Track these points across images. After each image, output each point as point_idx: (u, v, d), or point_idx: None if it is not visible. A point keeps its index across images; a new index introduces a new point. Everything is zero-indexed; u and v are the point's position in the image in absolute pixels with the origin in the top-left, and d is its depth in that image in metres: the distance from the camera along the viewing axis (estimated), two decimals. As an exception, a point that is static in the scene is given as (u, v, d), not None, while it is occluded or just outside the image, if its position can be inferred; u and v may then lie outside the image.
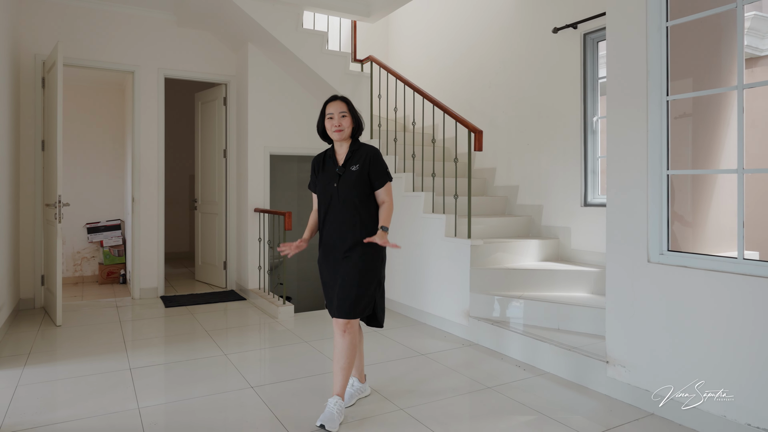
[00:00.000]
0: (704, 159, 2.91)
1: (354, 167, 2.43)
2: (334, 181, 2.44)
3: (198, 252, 5.93)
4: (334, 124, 2.44)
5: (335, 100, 2.48)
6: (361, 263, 2.39)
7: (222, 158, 5.48)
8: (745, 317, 2.16)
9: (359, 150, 2.48)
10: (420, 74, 5.98)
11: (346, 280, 2.38)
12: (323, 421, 2.26)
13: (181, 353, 3.34)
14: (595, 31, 4.06)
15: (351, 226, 2.41)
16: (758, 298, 2.12)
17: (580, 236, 4.15)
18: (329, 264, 2.47)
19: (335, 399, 2.34)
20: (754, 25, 5.09)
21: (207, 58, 5.31)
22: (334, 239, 2.44)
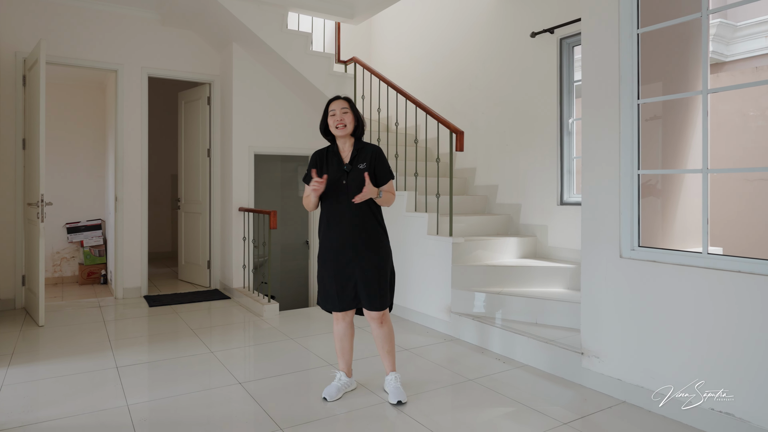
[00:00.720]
0: (673, 159, 3.04)
1: (362, 165, 2.51)
2: (343, 178, 2.51)
3: (181, 251, 5.90)
4: (336, 120, 2.52)
5: (337, 99, 2.58)
6: (378, 255, 2.52)
7: (206, 158, 5.46)
8: (709, 308, 2.29)
9: (364, 149, 2.57)
10: (403, 76, 6.05)
11: (369, 277, 2.49)
12: (398, 397, 2.52)
13: (167, 351, 3.34)
14: (570, 36, 4.19)
15: (362, 220, 2.50)
16: (721, 289, 2.25)
17: (557, 234, 4.28)
18: (337, 261, 2.51)
19: (392, 375, 2.62)
20: (720, 31, 5.30)
21: (191, 57, 5.30)
22: (345, 234, 2.49)
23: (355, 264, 2.49)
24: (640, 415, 2.45)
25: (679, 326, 2.39)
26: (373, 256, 2.50)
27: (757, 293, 2.14)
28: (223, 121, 5.34)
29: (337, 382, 2.63)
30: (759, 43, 6.53)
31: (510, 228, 4.67)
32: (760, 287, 2.13)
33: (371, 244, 2.51)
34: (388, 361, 2.64)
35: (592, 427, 2.34)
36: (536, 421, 2.38)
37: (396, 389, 2.57)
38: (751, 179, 4.91)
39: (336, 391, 2.59)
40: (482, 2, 5.05)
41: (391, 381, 2.61)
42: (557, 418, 2.41)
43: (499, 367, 3.09)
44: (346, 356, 2.67)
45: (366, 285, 2.49)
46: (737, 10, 5.66)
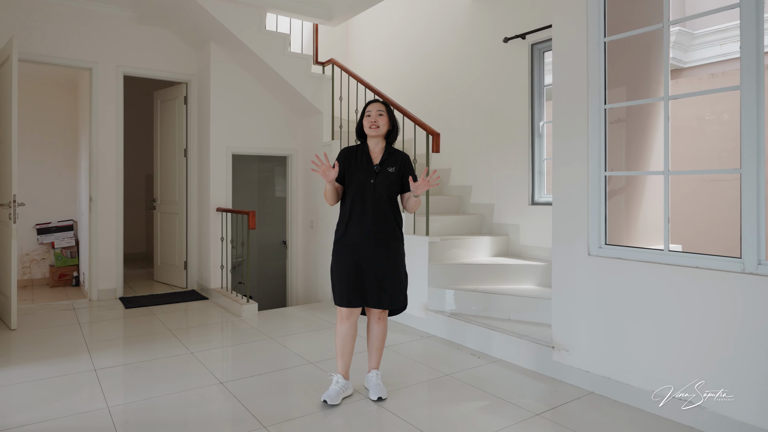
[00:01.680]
0: (636, 161, 3.18)
1: (391, 169, 2.57)
2: (371, 178, 2.55)
3: (157, 252, 5.81)
4: (371, 121, 2.57)
5: (375, 102, 2.64)
6: (397, 256, 2.58)
7: (182, 158, 5.40)
8: (671, 302, 2.41)
9: (394, 154, 2.62)
10: (379, 78, 6.10)
11: (387, 276, 2.53)
12: (379, 394, 2.56)
13: (146, 353, 3.31)
14: (541, 42, 4.30)
15: (384, 219, 2.54)
16: (681, 284, 2.37)
17: (528, 233, 4.39)
18: (356, 256, 2.52)
19: (374, 372, 2.65)
20: (679, 39, 5.53)
21: (167, 56, 5.22)
22: (364, 231, 2.52)
23: (372, 262, 2.52)
24: (606, 404, 2.56)
25: (643, 320, 2.51)
26: (389, 256, 2.54)
27: (713, 287, 2.27)
28: (200, 121, 5.28)
29: (336, 385, 2.58)
30: (714, 50, 6.81)
31: (483, 227, 4.77)
32: (716, 282, 2.26)
33: (389, 244, 2.55)
34: (375, 358, 2.67)
35: (563, 417, 2.43)
36: (510, 413, 2.47)
37: (377, 386, 2.61)
38: (706, 180, 5.13)
39: (336, 394, 2.53)
40: (457, 8, 5.13)
41: (373, 378, 2.65)
42: (530, 410, 2.50)
43: (474, 362, 3.17)
44: (347, 358, 2.62)
45: (378, 282, 2.52)
46: (694, 19, 5.90)
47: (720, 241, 4.79)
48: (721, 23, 6.81)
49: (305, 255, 5.51)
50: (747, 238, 2.20)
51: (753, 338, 2.14)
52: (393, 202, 2.59)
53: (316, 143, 5.23)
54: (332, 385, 2.58)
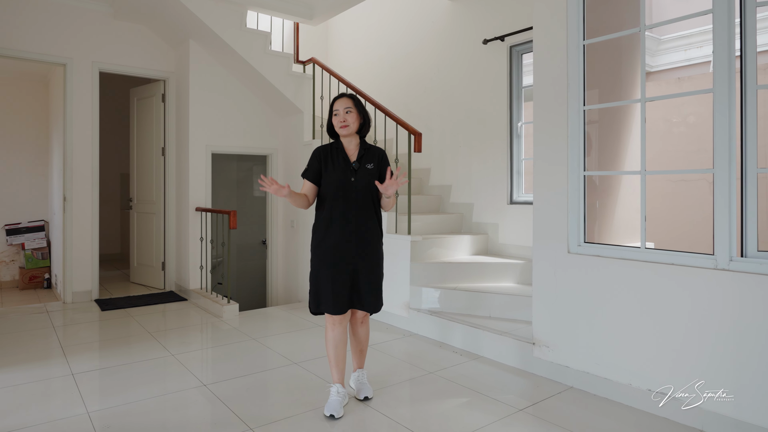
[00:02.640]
0: (611, 161, 3.24)
1: (369, 165, 2.49)
2: (351, 176, 2.45)
3: (133, 253, 5.66)
4: (339, 120, 2.47)
5: (341, 97, 2.51)
6: (378, 258, 2.53)
7: (160, 156, 5.27)
8: (647, 297, 2.47)
9: (371, 149, 2.54)
10: (359, 77, 6.08)
11: (369, 277, 2.47)
12: (366, 393, 2.56)
13: (126, 356, 3.22)
14: (520, 44, 4.36)
15: (368, 218, 2.47)
16: (657, 280, 2.44)
17: (507, 231, 4.44)
18: (342, 257, 2.41)
19: (359, 372, 2.63)
20: (647, 44, 5.68)
21: (145, 53, 5.08)
22: (346, 233, 2.42)
23: (357, 263, 2.43)
24: (585, 399, 2.61)
25: (620, 315, 2.57)
26: (373, 256, 2.49)
27: (688, 283, 2.33)
28: (178, 119, 5.16)
29: (338, 396, 2.42)
30: (679, 55, 7.01)
31: (463, 226, 4.80)
32: (690, 278, 2.32)
33: (373, 243, 2.49)
34: (359, 358, 2.65)
35: (544, 412, 2.46)
36: (494, 409, 2.49)
37: (365, 385, 2.60)
38: (673, 180, 5.27)
39: (340, 406, 2.39)
40: (437, 10, 5.15)
41: (360, 378, 2.62)
42: (512, 405, 2.53)
43: (456, 359, 3.19)
44: (341, 365, 2.48)
45: (364, 285, 2.46)
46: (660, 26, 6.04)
47: (687, 238, 4.93)
48: (685, 29, 7.02)
49: (286, 255, 5.46)
50: (719, 236, 2.27)
51: (726, 332, 2.21)
52: (375, 200, 2.52)
53: (297, 142, 5.18)
54: (333, 396, 2.42)
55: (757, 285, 2.14)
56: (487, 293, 3.60)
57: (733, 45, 2.23)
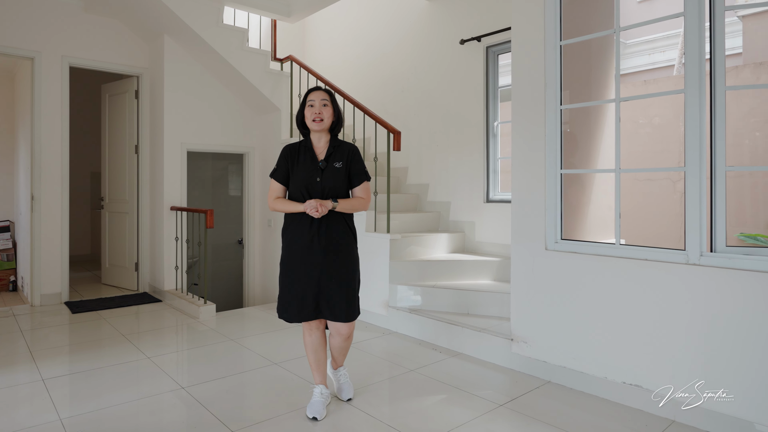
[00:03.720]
0: (585, 160, 3.28)
1: (338, 164, 2.33)
2: (317, 175, 2.30)
3: (105, 254, 5.47)
4: (314, 112, 2.30)
5: (318, 90, 2.36)
6: (350, 263, 2.34)
7: (133, 154, 5.10)
8: (623, 292, 2.51)
9: (341, 146, 2.38)
10: (336, 76, 6.02)
11: (340, 283, 2.29)
12: (349, 395, 2.50)
13: (99, 359, 3.10)
14: (496, 45, 4.38)
15: (335, 221, 2.30)
16: (631, 275, 2.48)
17: (484, 230, 4.47)
18: (306, 262, 2.27)
19: (341, 371, 2.55)
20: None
21: (118, 48, 4.90)
22: (314, 235, 2.27)
23: (323, 269, 2.27)
24: (562, 392, 2.64)
25: (596, 310, 2.60)
26: (341, 262, 2.30)
27: (661, 278, 2.38)
28: (152, 116, 5.01)
29: (321, 397, 2.36)
30: (644, 59, 7.19)
31: (440, 224, 4.81)
32: (663, 273, 2.37)
33: (341, 248, 2.31)
34: (340, 359, 2.56)
35: (523, 406, 2.48)
36: (475, 405, 2.49)
37: (347, 384, 2.54)
38: (640, 179, 5.40)
39: (323, 407, 2.34)
40: (415, 9, 5.14)
41: (341, 377, 2.55)
42: (492, 401, 2.54)
43: (436, 357, 3.18)
44: (322, 368, 2.42)
45: (331, 293, 2.28)
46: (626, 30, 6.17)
47: (653, 236, 5.06)
48: (650, 34, 7.21)
49: (263, 254, 5.36)
50: (691, 231, 2.32)
51: (697, 324, 2.26)
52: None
53: (275, 140, 5.10)
54: (316, 398, 2.36)
55: (725, 279, 2.19)
56: (465, 290, 3.61)
57: (704, 47, 2.29)
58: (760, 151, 4.69)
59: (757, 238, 4.54)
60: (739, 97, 4.58)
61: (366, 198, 2.38)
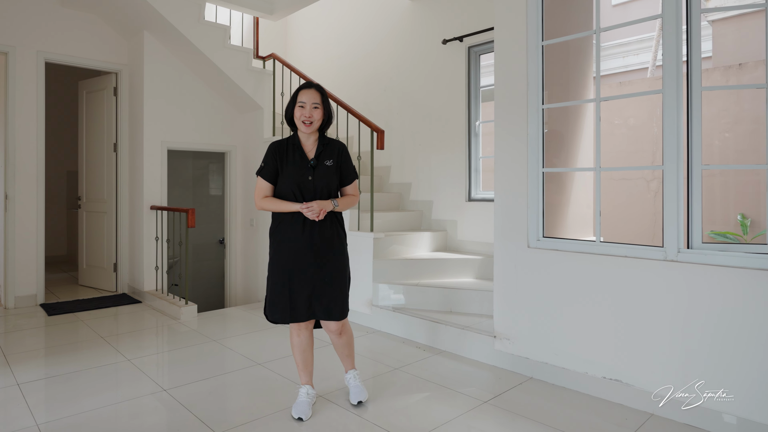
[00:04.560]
0: (564, 159, 3.31)
1: (328, 162, 2.28)
2: (308, 174, 2.24)
3: (82, 254, 5.31)
4: (304, 114, 2.23)
5: (310, 88, 2.27)
6: (341, 263, 2.31)
7: (112, 153, 4.96)
8: (602, 288, 2.54)
9: (330, 145, 2.33)
10: (318, 75, 5.97)
11: (333, 282, 2.26)
12: (359, 398, 2.39)
13: (78, 362, 2.99)
14: (478, 45, 4.40)
15: (327, 220, 2.27)
16: (611, 272, 2.51)
17: (465, 228, 4.48)
18: (297, 262, 2.23)
19: (351, 373, 2.46)
20: (591, 50, 5.87)
21: (96, 43, 4.76)
22: (305, 234, 2.23)
23: (315, 269, 2.23)
24: (544, 388, 2.65)
25: (577, 306, 2.62)
26: (333, 261, 2.27)
27: (640, 274, 2.41)
28: (132, 113, 4.87)
29: (307, 397, 2.32)
30: (618, 62, 7.31)
31: (423, 223, 4.80)
32: (642, 269, 2.41)
33: (332, 247, 2.27)
34: (347, 362, 2.49)
35: (507, 402, 2.48)
36: (460, 402, 2.49)
37: (358, 388, 2.44)
38: (616, 179, 5.49)
39: (308, 407, 2.30)
40: (397, 9, 5.13)
41: (352, 380, 2.47)
42: (476, 398, 2.53)
43: (420, 355, 3.17)
44: (309, 368, 2.37)
45: (324, 293, 2.25)
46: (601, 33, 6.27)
47: (628, 233, 5.15)
48: (623, 38, 7.35)
49: (245, 254, 5.28)
50: (668, 229, 2.35)
51: (675, 318, 2.30)
52: (334, 198, 2.32)
53: (257, 139, 5.02)
54: (302, 398, 2.32)
55: (701, 274, 2.23)
56: (448, 289, 3.61)
57: (681, 49, 2.32)
58: (729, 151, 4.81)
59: (727, 235, 4.65)
60: (709, 99, 4.69)
61: (356, 195, 2.39)
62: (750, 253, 2.15)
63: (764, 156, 4.35)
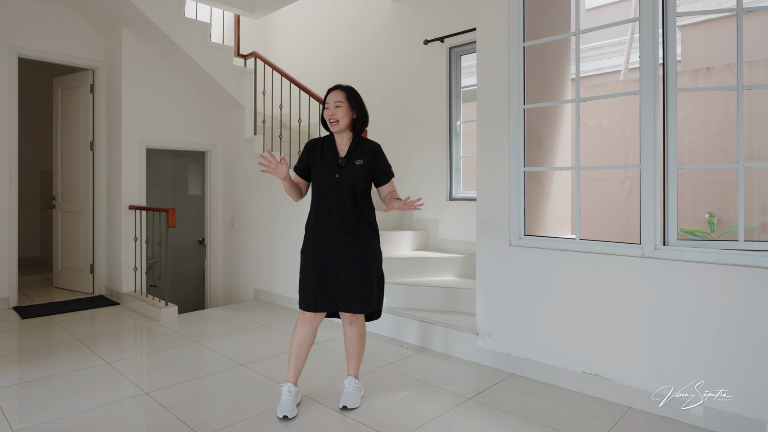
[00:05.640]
0: (544, 159, 3.34)
1: (358, 161, 2.31)
2: (336, 172, 2.29)
3: (57, 255, 5.13)
4: (328, 113, 2.30)
5: (335, 90, 2.33)
6: (365, 256, 2.30)
7: (88, 151, 4.80)
8: (582, 284, 2.57)
9: (362, 144, 2.36)
10: (300, 74, 5.90)
11: (351, 275, 2.27)
12: (344, 402, 2.33)
13: (54, 366, 2.88)
14: (459, 46, 4.41)
15: (353, 216, 2.29)
16: (591, 269, 2.54)
17: (447, 227, 4.49)
18: (322, 255, 2.28)
19: (349, 379, 2.41)
20: (566, 53, 5.96)
21: (72, 39, 4.60)
22: (332, 229, 2.28)
23: (339, 260, 2.27)
24: (525, 384, 2.67)
25: (557, 303, 2.65)
26: (358, 255, 2.28)
27: (618, 270, 2.45)
28: (109, 111, 4.73)
29: (289, 395, 2.29)
30: (591, 65, 7.45)
31: (405, 222, 4.79)
32: (620, 266, 2.45)
33: (358, 242, 2.29)
34: (352, 364, 2.45)
35: (489, 399, 2.49)
36: (444, 400, 2.48)
37: (347, 394, 2.38)
38: (590, 178, 5.59)
39: (292, 405, 2.26)
40: (379, 10, 5.10)
41: (346, 386, 2.42)
42: (460, 395, 2.53)
43: (404, 353, 3.16)
44: (300, 365, 2.35)
45: (345, 284, 2.27)
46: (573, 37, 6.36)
47: (602, 232, 5.24)
48: (596, 41, 7.48)
49: (225, 254, 5.18)
50: (645, 226, 2.39)
51: (652, 313, 2.34)
52: (363, 197, 2.33)
53: (238, 138, 4.93)
54: (284, 396, 2.28)
55: (677, 270, 2.28)
56: (430, 287, 3.61)
57: (658, 51, 2.36)
58: (697, 151, 4.93)
59: (695, 233, 4.78)
60: (678, 102, 4.80)
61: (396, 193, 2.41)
62: (722, 249, 2.20)
63: (730, 156, 4.48)
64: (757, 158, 4.32)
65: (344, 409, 2.34)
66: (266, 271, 4.64)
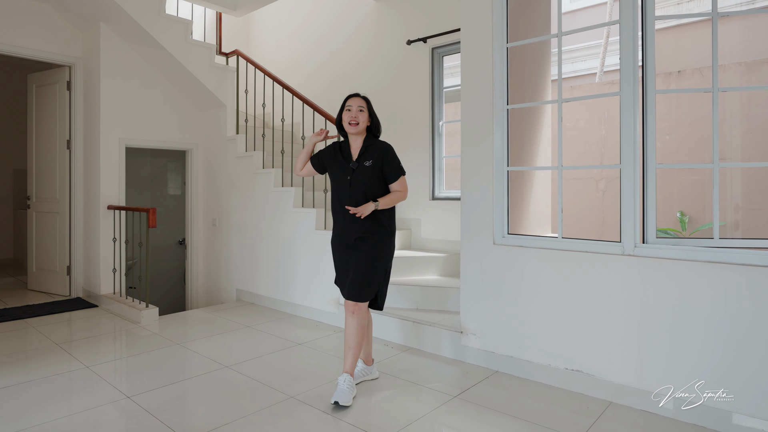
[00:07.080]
0: (526, 159, 3.36)
1: (367, 162, 2.48)
2: (348, 174, 2.48)
3: (32, 257, 4.95)
4: (351, 116, 2.47)
5: (357, 96, 2.55)
6: (371, 252, 2.46)
7: (65, 150, 4.63)
8: (564, 282, 2.59)
9: (373, 145, 2.52)
10: (282, 73, 5.82)
11: (358, 268, 2.46)
12: (336, 398, 2.32)
13: (29, 371, 2.77)
14: (441, 46, 4.40)
15: (361, 218, 2.45)
16: (572, 266, 2.56)
17: (429, 226, 4.48)
18: (341, 250, 2.54)
19: (344, 377, 2.41)
20: (541, 56, 6.02)
21: (47, 35, 4.42)
22: (345, 228, 2.49)
23: (351, 254, 2.49)
24: (509, 381, 2.68)
25: (540, 299, 2.67)
26: (367, 250, 2.46)
27: (599, 268, 2.48)
28: (87, 109, 4.57)
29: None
30: (567, 67, 7.56)
31: (389, 221, 4.76)
32: (601, 263, 2.47)
33: (370, 239, 2.47)
34: (347, 357, 2.45)
35: (474, 396, 2.49)
36: (430, 398, 2.47)
37: (340, 390, 2.36)
38: (567, 179, 5.66)
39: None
40: (362, 10, 5.06)
41: (340, 382, 2.40)
42: (446, 393, 2.53)
43: (388, 352, 3.14)
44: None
45: (354, 273, 2.46)
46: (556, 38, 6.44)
47: (580, 230, 5.31)
48: (571, 44, 7.60)
49: (207, 255, 5.08)
50: (625, 224, 2.42)
51: (632, 310, 2.37)
52: (373, 196, 2.47)
53: (220, 137, 4.84)
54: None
55: (656, 267, 2.31)
56: (413, 286, 3.59)
57: (637, 53, 2.39)
58: (670, 152, 5.04)
59: (668, 231, 4.88)
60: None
61: (403, 190, 2.54)
62: (699, 246, 2.24)
63: (701, 156, 4.58)
64: (729, 159, 4.44)
65: (336, 405, 2.33)
66: (249, 272, 4.56)
